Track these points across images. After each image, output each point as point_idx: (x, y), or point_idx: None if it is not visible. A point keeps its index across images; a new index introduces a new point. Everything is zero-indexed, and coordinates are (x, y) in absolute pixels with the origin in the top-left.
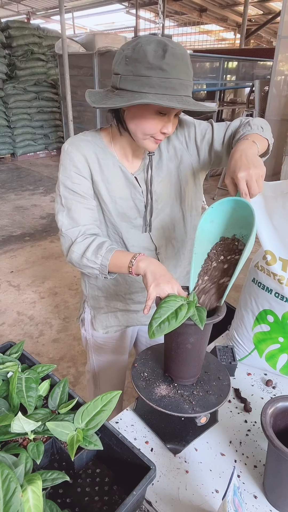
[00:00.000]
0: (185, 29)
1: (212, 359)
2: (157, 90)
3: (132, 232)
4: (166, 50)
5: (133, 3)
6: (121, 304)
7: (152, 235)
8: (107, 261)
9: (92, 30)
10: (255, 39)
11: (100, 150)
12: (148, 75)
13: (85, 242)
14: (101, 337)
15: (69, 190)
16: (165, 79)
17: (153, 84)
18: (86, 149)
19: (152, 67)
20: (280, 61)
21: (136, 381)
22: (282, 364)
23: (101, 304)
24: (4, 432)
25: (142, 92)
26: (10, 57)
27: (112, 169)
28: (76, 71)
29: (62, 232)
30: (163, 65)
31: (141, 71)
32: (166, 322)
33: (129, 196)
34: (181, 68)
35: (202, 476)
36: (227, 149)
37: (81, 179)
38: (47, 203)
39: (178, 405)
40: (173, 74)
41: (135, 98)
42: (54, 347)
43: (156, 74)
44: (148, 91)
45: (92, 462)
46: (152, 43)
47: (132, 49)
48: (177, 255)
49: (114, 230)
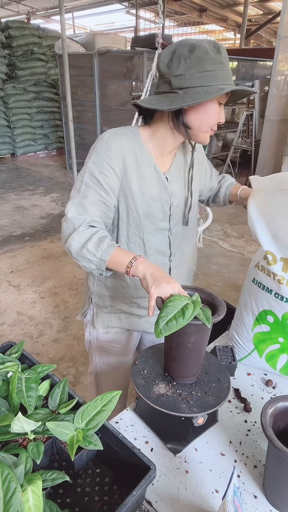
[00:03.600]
0: (185, 29)
1: (213, 360)
2: (222, 81)
3: (154, 234)
4: (219, 47)
5: (133, 3)
6: (126, 307)
7: (171, 240)
8: (107, 256)
9: (92, 30)
10: (255, 39)
11: (138, 147)
12: (213, 69)
13: (88, 232)
14: (105, 339)
15: (94, 179)
16: (225, 71)
17: (218, 76)
18: (126, 144)
19: (215, 61)
20: (280, 61)
21: (136, 379)
22: (282, 364)
23: (106, 303)
24: (4, 432)
25: (211, 85)
26: (10, 57)
27: (147, 168)
28: (76, 71)
29: (67, 218)
30: (222, 59)
31: (206, 66)
32: (173, 320)
33: (158, 196)
34: (226, 61)
35: (202, 476)
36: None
37: (111, 171)
38: (47, 203)
39: (175, 404)
40: (228, 66)
41: (212, 90)
42: (54, 347)
43: (219, 68)
44: (216, 83)
45: (92, 462)
46: (204, 42)
47: (188, 51)
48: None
49: (136, 230)
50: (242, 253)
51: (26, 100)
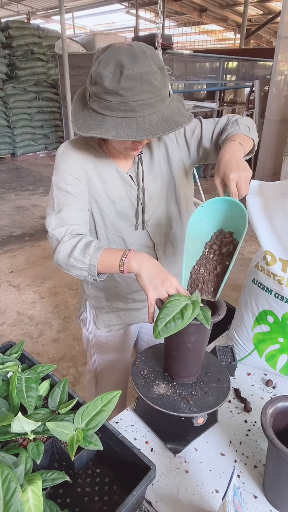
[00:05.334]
0: (185, 29)
1: (213, 360)
2: (117, 113)
3: (130, 231)
4: (122, 73)
5: (133, 3)
6: (123, 304)
7: (150, 232)
8: (96, 261)
9: (92, 30)
10: (255, 39)
11: (95, 152)
12: (107, 99)
13: (72, 241)
14: (103, 335)
15: (62, 191)
16: (124, 103)
17: (112, 107)
18: (82, 152)
19: (109, 92)
20: (280, 61)
21: (136, 379)
22: (282, 364)
23: (103, 304)
24: (4, 432)
25: (104, 114)
26: (10, 57)
27: (107, 170)
28: (76, 71)
29: (49, 233)
30: (119, 90)
31: (101, 94)
32: (172, 322)
33: (125, 195)
34: (140, 89)
35: (202, 476)
36: (215, 146)
37: (75, 180)
38: (47, 203)
39: (175, 404)
40: (131, 97)
41: (95, 124)
42: (54, 347)
43: (114, 99)
44: (110, 114)
45: (92, 462)
46: (110, 64)
47: (95, 68)
48: (176, 252)
49: (114, 230)
50: (242, 253)
51: (26, 100)
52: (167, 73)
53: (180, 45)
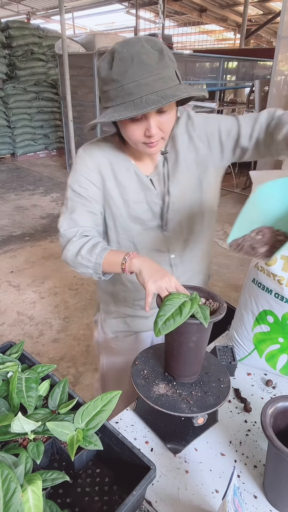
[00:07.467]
0: (185, 29)
1: (213, 360)
2: (116, 101)
3: (145, 234)
4: (113, 59)
5: (133, 3)
6: (130, 310)
7: (167, 237)
8: (101, 260)
9: (92, 30)
10: (255, 39)
11: (114, 155)
12: (106, 89)
13: (81, 240)
14: (113, 340)
15: (76, 193)
16: (119, 88)
17: (111, 97)
18: (100, 155)
19: (106, 81)
20: (280, 61)
21: (135, 379)
22: (282, 364)
23: (111, 309)
24: (4, 432)
25: (107, 107)
26: (10, 57)
27: (125, 173)
28: (76, 71)
29: (61, 233)
30: (113, 75)
31: (102, 87)
32: (171, 319)
33: (143, 199)
34: (134, 69)
35: (202, 476)
36: (256, 143)
37: (89, 184)
38: (47, 203)
39: (175, 404)
40: (125, 80)
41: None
42: (54, 347)
43: (110, 87)
44: (111, 104)
45: (92, 462)
46: (106, 56)
47: (97, 65)
48: (193, 260)
49: (125, 234)
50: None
51: (26, 100)
52: (169, 56)
53: (180, 45)
